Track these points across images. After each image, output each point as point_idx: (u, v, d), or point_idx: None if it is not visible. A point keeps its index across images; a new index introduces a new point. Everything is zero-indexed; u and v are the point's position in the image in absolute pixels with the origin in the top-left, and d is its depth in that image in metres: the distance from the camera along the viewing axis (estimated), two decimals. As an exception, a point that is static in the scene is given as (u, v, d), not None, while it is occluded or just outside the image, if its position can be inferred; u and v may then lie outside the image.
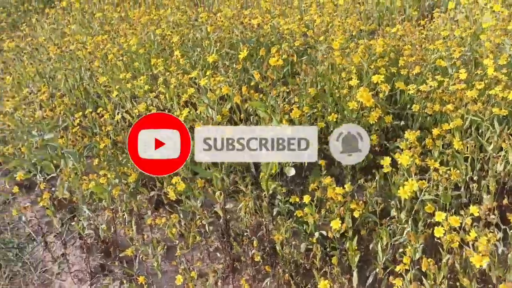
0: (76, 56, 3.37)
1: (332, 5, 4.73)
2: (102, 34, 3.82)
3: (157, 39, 3.27)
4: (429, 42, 3.07)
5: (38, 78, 3.42)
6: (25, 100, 3.08)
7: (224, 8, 4.99)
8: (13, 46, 3.66)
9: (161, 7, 5.16)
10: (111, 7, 4.90)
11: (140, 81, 2.77)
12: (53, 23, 4.57)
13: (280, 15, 4.57)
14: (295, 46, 3.26)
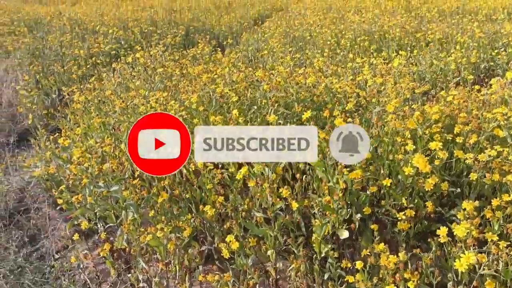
0: (139, 110, 3.58)
1: (385, 66, 4.81)
2: (163, 90, 4.07)
3: (216, 96, 3.44)
4: (485, 108, 3.04)
5: (103, 129, 3.64)
6: (91, 150, 3.28)
7: (278, 66, 5.18)
8: (83, 99, 3.94)
9: (219, 64, 5.44)
10: (172, 63, 5.21)
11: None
12: (118, 77, 4.91)
13: (333, 74, 4.70)
14: (348, 107, 3.31)
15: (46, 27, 8.94)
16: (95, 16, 9.93)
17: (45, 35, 7.89)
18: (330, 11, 11.25)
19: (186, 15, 11.39)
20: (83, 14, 10.16)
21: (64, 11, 11.24)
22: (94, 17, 9.62)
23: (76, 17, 9.60)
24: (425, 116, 2.87)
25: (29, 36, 7.83)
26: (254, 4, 15.31)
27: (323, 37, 7.11)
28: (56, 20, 9.31)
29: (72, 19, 9.22)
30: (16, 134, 4.81)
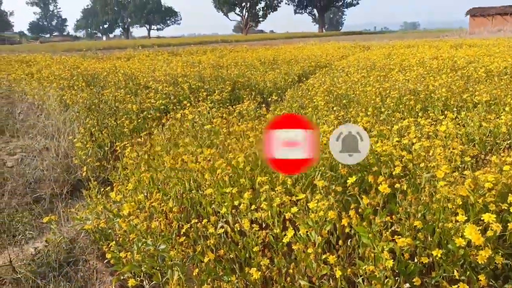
0: (187, 167, 3.69)
1: (433, 128, 4.76)
2: (211, 147, 4.19)
3: (263, 157, 3.51)
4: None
5: (152, 185, 3.77)
6: (140, 205, 3.39)
7: (322, 125, 5.24)
8: (135, 156, 4.11)
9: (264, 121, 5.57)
10: (219, 119, 5.39)
11: (244, 197, 2.95)
12: (167, 133, 5.11)
13: (378, 135, 4.69)
14: (396, 172, 3.28)
15: (102, 82, 9.52)
16: (147, 71, 10.49)
17: (101, 89, 8.40)
18: (374, 69, 11.37)
19: (232, 70, 11.82)
20: (136, 70, 10.76)
21: (120, 67, 11.95)
22: (146, 72, 10.17)
23: (130, 72, 10.17)
24: (477, 183, 2.80)
25: (86, 90, 8.34)
26: (299, 60, 15.73)
27: (367, 96, 7.17)
28: (111, 75, 9.91)
29: (126, 75, 9.77)
30: (69, 185, 5.04)
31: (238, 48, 27.26)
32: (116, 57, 19.51)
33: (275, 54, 19.57)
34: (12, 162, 5.28)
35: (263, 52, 21.46)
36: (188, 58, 18.28)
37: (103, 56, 20.56)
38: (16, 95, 8.50)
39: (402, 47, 21.76)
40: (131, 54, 20.80)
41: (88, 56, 20.19)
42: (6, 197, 4.59)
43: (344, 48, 23.64)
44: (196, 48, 26.80)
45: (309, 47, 25.77)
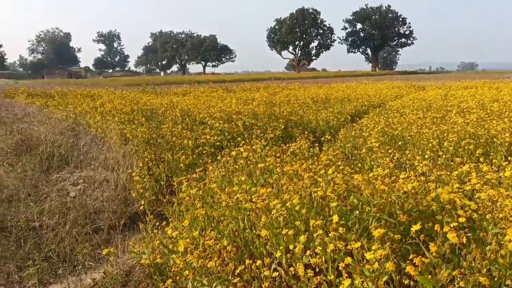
0: (242, 206, 3.72)
1: (496, 175, 4.55)
2: (265, 186, 4.22)
3: (317, 199, 3.48)
4: None
5: (207, 222, 3.82)
6: (194, 242, 3.44)
7: (377, 168, 5.14)
8: (192, 192, 4.21)
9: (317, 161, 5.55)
10: (272, 158, 5.42)
11: (300, 240, 2.93)
12: (222, 169, 5.20)
13: (437, 180, 4.54)
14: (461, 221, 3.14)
15: (160, 117, 9.91)
16: (202, 107, 10.83)
17: (159, 124, 8.73)
18: (430, 110, 11.11)
19: (285, 108, 11.95)
20: (192, 106, 11.14)
21: (176, 102, 12.42)
22: (202, 108, 10.49)
23: (186, 108, 10.53)
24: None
25: (145, 125, 8.71)
26: (351, 99, 15.68)
27: (423, 138, 6.99)
28: (169, 111, 10.30)
29: (183, 110, 10.13)
30: (126, 217, 5.22)
31: (290, 85, 27.61)
32: (173, 93, 20.31)
33: (327, 92, 19.64)
34: (75, 192, 5.55)
35: (315, 90, 21.61)
36: (241, 94, 18.71)
37: (161, 91, 21.48)
38: (81, 128, 9.01)
39: (459, 88, 21.19)
40: (187, 90, 21.58)
41: (147, 91, 21.17)
42: (68, 226, 4.81)
43: (398, 88, 23.34)
44: (249, 85, 27.41)
45: (362, 86, 25.67)
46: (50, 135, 7.32)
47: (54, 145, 6.84)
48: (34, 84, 35.41)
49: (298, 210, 3.32)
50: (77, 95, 16.97)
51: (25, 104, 13.78)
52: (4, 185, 5.42)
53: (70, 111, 10.74)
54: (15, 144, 6.86)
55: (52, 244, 4.48)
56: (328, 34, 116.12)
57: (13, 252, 4.36)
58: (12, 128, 7.41)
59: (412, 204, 3.57)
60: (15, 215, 4.85)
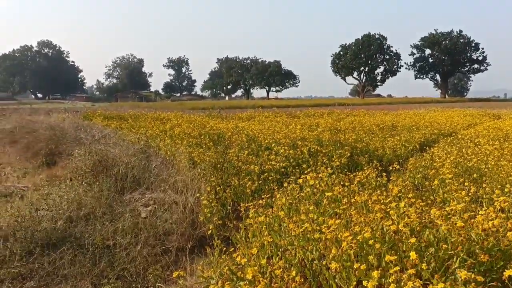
0: (311, 236, 3.68)
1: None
2: (333, 216, 4.15)
3: (390, 233, 3.37)
4: None
5: (275, 251, 3.81)
6: (261, 269, 3.44)
7: (451, 202, 4.90)
8: (261, 219, 4.23)
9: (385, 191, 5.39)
10: (339, 187, 5.33)
11: (373, 276, 2.83)
12: (289, 197, 5.19)
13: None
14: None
15: (227, 141, 10.14)
16: (267, 133, 10.94)
17: (226, 149, 8.93)
18: (507, 140, 10.47)
19: (350, 135, 11.77)
20: (258, 131, 11.29)
21: (242, 127, 12.66)
22: (267, 134, 10.60)
23: (252, 133, 10.69)
24: None
25: (212, 149, 8.93)
26: (419, 127, 15.15)
27: (502, 171, 6.58)
28: (235, 136, 10.51)
29: (248, 136, 10.29)
30: (194, 240, 5.33)
31: (355, 112, 27.23)
32: (238, 117, 20.74)
33: (393, 119, 19.14)
34: (146, 213, 5.77)
35: (381, 117, 21.14)
36: (305, 120, 18.72)
37: (226, 115, 22.02)
38: (152, 150, 9.41)
39: (540, 117, 19.83)
40: (251, 115, 21.95)
41: (213, 115, 21.78)
42: (139, 246, 4.99)
43: (470, 116, 22.27)
44: (313, 111, 27.37)
45: (431, 114, 24.77)
46: (124, 157, 7.70)
47: (128, 167, 7.18)
48: (109, 106, 37.72)
49: (372, 244, 3.22)
50: (148, 118, 17.80)
51: (102, 126, 14.66)
52: (83, 204, 5.75)
53: (142, 134, 11.27)
54: (93, 164, 7.28)
55: (125, 263, 4.66)
56: (394, 60, 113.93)
57: (89, 269, 4.58)
58: (91, 149, 7.88)
59: (492, 243, 3.35)
60: (92, 233, 5.11)
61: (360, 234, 3.37)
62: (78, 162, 7.32)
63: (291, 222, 4.07)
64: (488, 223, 3.59)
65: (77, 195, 5.91)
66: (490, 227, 3.48)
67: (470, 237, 3.39)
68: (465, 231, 3.36)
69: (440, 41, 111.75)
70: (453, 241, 3.18)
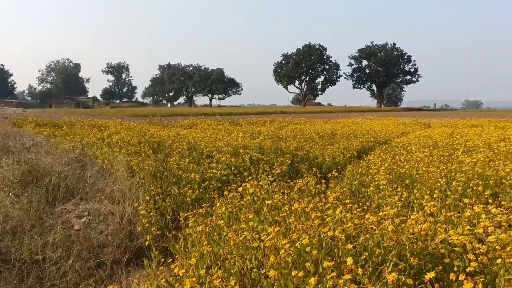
0: (250, 244, 3.67)
1: (505, 217, 4.48)
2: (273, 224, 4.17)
3: (327, 239, 3.43)
4: None
5: (214, 260, 3.76)
6: (200, 280, 3.38)
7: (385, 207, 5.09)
8: (200, 229, 4.16)
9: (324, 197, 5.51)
10: (279, 195, 5.39)
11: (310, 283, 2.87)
12: (229, 205, 5.16)
13: (446, 222, 4.47)
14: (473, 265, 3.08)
15: (167, 149, 9.94)
16: (209, 141, 10.87)
17: (166, 157, 8.75)
18: (436, 148, 11.08)
19: (291, 143, 11.95)
20: (199, 139, 11.19)
21: (183, 135, 12.49)
22: (209, 142, 10.52)
23: (193, 141, 10.58)
24: None
25: (152, 157, 8.73)
26: (357, 135, 15.70)
27: (431, 177, 6.94)
28: (176, 143, 10.34)
29: (190, 143, 10.17)
30: (131, 252, 5.15)
31: (296, 120, 27.78)
32: (179, 125, 20.47)
33: (333, 127, 19.72)
34: (79, 225, 5.50)
35: (321, 125, 21.71)
36: (248, 128, 18.81)
37: (168, 123, 21.65)
38: (88, 159, 9.03)
39: (465, 126, 21.22)
40: (193, 122, 21.74)
41: (153, 122, 21.34)
42: (71, 260, 4.75)
43: (404, 125, 23.41)
44: (255, 118, 27.61)
45: (368, 122, 25.77)
46: (57, 166, 7.33)
47: (61, 176, 6.83)
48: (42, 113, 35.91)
49: (309, 251, 3.27)
50: (85, 126, 17.11)
51: (33, 134, 13.90)
52: (9, 216, 5.39)
53: (77, 142, 10.80)
54: (22, 174, 6.86)
55: (55, 279, 4.42)
56: (334, 70, 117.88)
57: (15, 286, 4.29)
58: (20, 158, 7.42)
59: (421, 246, 3.51)
60: (19, 248, 4.80)
61: (298, 241, 3.41)
62: (5, 172, 6.85)
63: (231, 230, 4.05)
64: (417, 227, 3.76)
65: (3, 207, 5.53)
66: (419, 231, 3.65)
67: (401, 241, 3.53)
68: (396, 235, 3.50)
69: (376, 53, 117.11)
70: (385, 245, 3.30)
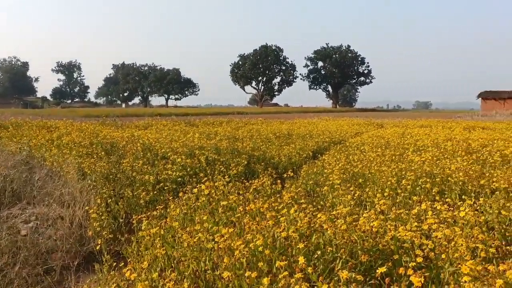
0: (204, 246, 3.64)
1: (450, 214, 4.69)
2: (227, 225, 4.16)
3: (281, 239, 3.46)
4: None
5: (167, 263, 3.70)
6: (153, 284, 3.31)
7: (339, 206, 5.20)
8: (154, 231, 4.08)
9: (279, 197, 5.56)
10: (235, 195, 5.38)
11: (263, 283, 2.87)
12: (184, 207, 5.10)
13: (396, 219, 4.62)
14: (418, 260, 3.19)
15: (121, 151, 9.70)
16: (164, 142, 10.70)
17: (119, 159, 8.54)
18: (388, 148, 11.44)
19: (248, 143, 11.98)
20: (154, 140, 10.99)
21: (138, 136, 12.23)
22: (164, 143, 10.36)
23: (148, 142, 10.37)
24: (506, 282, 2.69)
25: (105, 159, 8.49)
26: (313, 135, 15.94)
27: (383, 176, 7.15)
28: (130, 145, 10.11)
29: (144, 145, 9.97)
30: (81, 257, 4.98)
31: (253, 120, 27.87)
32: (134, 126, 20.03)
33: (289, 128, 19.93)
34: (26, 230, 5.27)
35: (277, 126, 21.88)
36: (204, 129, 18.69)
37: (122, 124, 21.14)
38: (36, 161, 8.67)
39: (415, 126, 22.03)
40: (149, 123, 21.34)
41: (107, 123, 20.77)
42: (17, 266, 4.53)
43: (358, 125, 24.00)
44: (212, 119, 27.49)
45: (324, 123, 26.24)
46: (2, 169, 6.99)
47: (6, 180, 6.53)
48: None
49: (262, 251, 3.28)
50: (33, 127, 16.39)
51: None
52: (-51, 223, 5.08)
53: (25, 144, 10.33)
54: (-36, 178, 6.49)
55: (0, 287, 4.20)
56: (290, 71, 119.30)
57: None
58: (-39, 161, 7.04)
59: (372, 243, 3.61)
60: (-40, 255, 4.53)
61: (252, 242, 3.42)
62: None
63: (185, 232, 4.00)
64: (368, 225, 3.87)
65: None
66: (370, 229, 3.75)
67: (353, 239, 3.61)
68: (348, 233, 3.58)
69: (331, 55, 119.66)
70: (337, 243, 3.36)
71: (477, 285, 2.61)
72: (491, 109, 56.89)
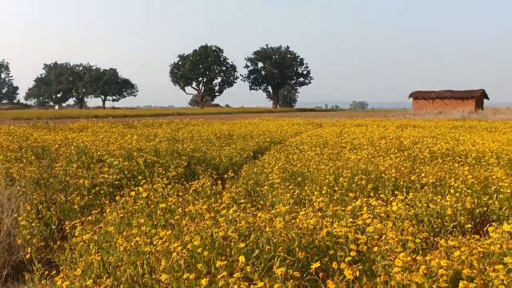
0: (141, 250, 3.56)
1: (384, 209, 4.91)
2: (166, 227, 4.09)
3: (219, 239, 3.46)
4: (488, 263, 3.05)
5: (102, 269, 3.58)
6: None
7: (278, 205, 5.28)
8: (88, 237, 3.93)
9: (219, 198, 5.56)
10: (174, 197, 5.31)
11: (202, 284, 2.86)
12: (120, 210, 4.96)
13: (333, 216, 4.78)
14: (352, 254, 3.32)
15: (53, 154, 9.25)
16: (101, 144, 10.33)
17: (52, 163, 8.14)
18: (327, 147, 11.78)
19: (188, 144, 11.86)
20: (89, 142, 10.59)
21: (72, 139, 11.72)
22: (100, 145, 10.00)
23: (83, 145, 9.97)
24: (430, 269, 2.87)
25: (35, 163, 8.06)
26: (254, 136, 16.07)
27: (321, 174, 7.35)
28: (63, 148, 9.67)
29: (79, 148, 9.57)
30: (10, 267, 4.70)
31: (194, 121, 27.64)
32: (68, 128, 19.17)
33: (230, 128, 19.95)
34: None
35: (218, 126, 21.84)
36: (143, 130, 18.27)
37: (55, 126, 20.16)
38: (-42, 167, 8.06)
39: (352, 125, 22.85)
40: (84, 125, 20.52)
41: (38, 126, 19.73)
42: None
43: (297, 125, 24.48)
44: (152, 120, 26.89)
45: (264, 123, 26.51)
46: None
47: None
48: None
49: (200, 252, 3.26)
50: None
51: None
52: None
53: None
54: None
55: None
56: (231, 71, 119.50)
57: None
58: None
59: (308, 240, 3.70)
60: None
61: (190, 243, 3.39)
62: None
63: (121, 237, 3.89)
64: (306, 222, 3.97)
65: None
66: (307, 226, 3.85)
67: (291, 237, 3.69)
68: (286, 231, 3.65)
69: (271, 56, 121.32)
70: (275, 241, 3.41)
71: (405, 275, 2.76)
72: (421, 108, 60.24)
